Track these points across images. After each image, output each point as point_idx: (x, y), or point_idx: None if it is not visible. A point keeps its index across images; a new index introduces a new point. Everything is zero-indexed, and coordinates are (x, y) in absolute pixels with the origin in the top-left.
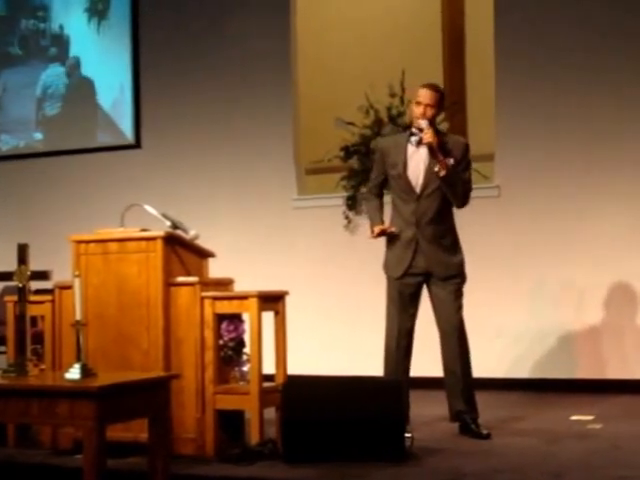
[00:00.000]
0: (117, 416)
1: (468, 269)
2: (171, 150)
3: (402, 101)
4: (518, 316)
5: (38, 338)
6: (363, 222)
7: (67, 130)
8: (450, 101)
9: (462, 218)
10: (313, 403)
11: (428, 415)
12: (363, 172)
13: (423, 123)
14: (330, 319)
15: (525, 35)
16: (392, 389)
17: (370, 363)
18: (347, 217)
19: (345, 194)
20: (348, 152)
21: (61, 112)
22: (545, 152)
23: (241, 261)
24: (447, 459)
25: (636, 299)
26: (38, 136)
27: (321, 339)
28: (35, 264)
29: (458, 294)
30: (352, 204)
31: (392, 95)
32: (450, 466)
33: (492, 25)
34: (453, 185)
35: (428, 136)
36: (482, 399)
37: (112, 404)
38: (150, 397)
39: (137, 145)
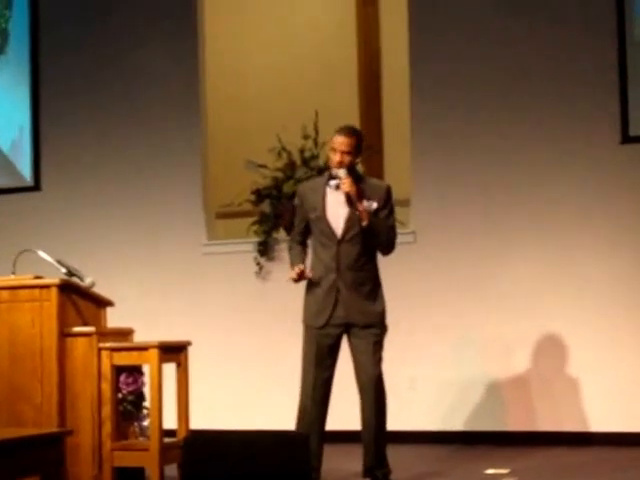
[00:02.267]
0: (5, 475)
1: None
2: (73, 193)
3: (316, 143)
4: (442, 366)
5: None
6: (275, 269)
7: None
8: (366, 144)
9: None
10: (215, 459)
11: (343, 470)
12: (275, 217)
13: (341, 172)
14: (239, 370)
15: (441, 78)
16: (299, 443)
17: (281, 417)
18: (258, 263)
19: (256, 239)
20: (259, 196)
21: None
22: (462, 197)
23: (147, 309)
24: None
25: (563, 345)
26: None
27: (230, 391)
28: None
29: (377, 346)
30: (264, 250)
31: (305, 137)
32: None
33: (408, 67)
34: (376, 233)
35: (346, 186)
36: (407, 452)
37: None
38: (42, 454)
39: (36, 187)
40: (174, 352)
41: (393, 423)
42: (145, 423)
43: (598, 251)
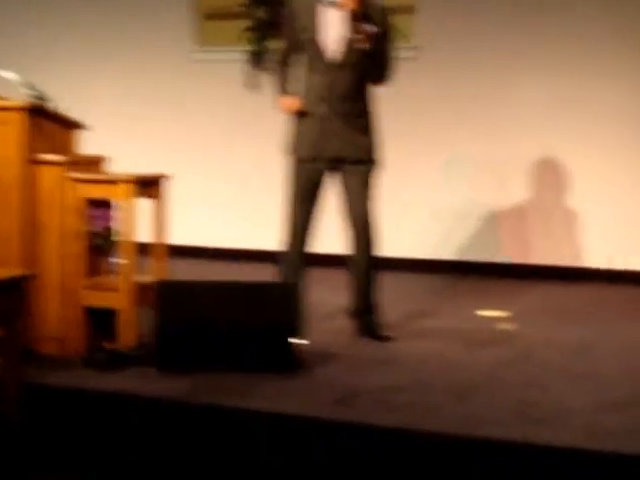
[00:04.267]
0: None
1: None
2: None
3: None
4: (435, 192)
5: None
6: (268, 80)
7: None
8: None
9: None
10: (192, 305)
11: (331, 305)
12: (271, 25)
13: None
14: (227, 185)
15: None
16: (283, 293)
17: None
18: (250, 73)
19: (249, 48)
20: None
21: None
22: (468, 12)
23: (127, 125)
24: (342, 372)
25: (563, 176)
26: None
27: (217, 205)
28: None
29: (368, 183)
30: (257, 60)
31: None
32: (344, 382)
33: None
34: (377, 59)
35: (351, 1)
36: (397, 283)
37: None
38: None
39: None
40: (149, 186)
41: (384, 250)
42: (116, 260)
43: (607, 81)
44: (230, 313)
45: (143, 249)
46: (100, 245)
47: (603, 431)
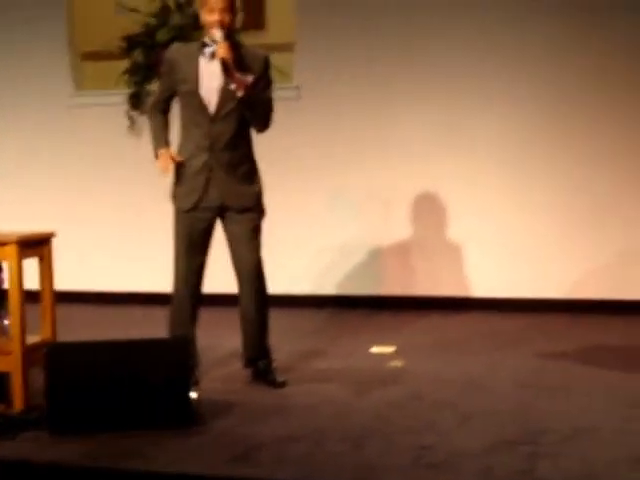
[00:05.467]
0: None
1: (264, 178)
2: None
3: None
4: (319, 229)
5: None
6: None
7: None
8: None
9: None
10: (82, 366)
11: (224, 348)
12: (147, 67)
13: (217, 34)
14: (111, 231)
15: None
16: (174, 348)
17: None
18: (130, 117)
19: (128, 91)
20: (131, 43)
21: None
22: (350, 47)
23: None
24: (238, 423)
25: (443, 210)
26: None
27: (106, 254)
28: None
29: (255, 231)
30: (136, 103)
31: None
32: (241, 435)
33: None
34: (253, 107)
35: (223, 51)
36: (285, 320)
37: None
38: None
39: None
40: (36, 246)
41: (271, 286)
42: (6, 322)
43: (487, 111)
44: (122, 371)
45: (34, 296)
46: None
47: (497, 474)
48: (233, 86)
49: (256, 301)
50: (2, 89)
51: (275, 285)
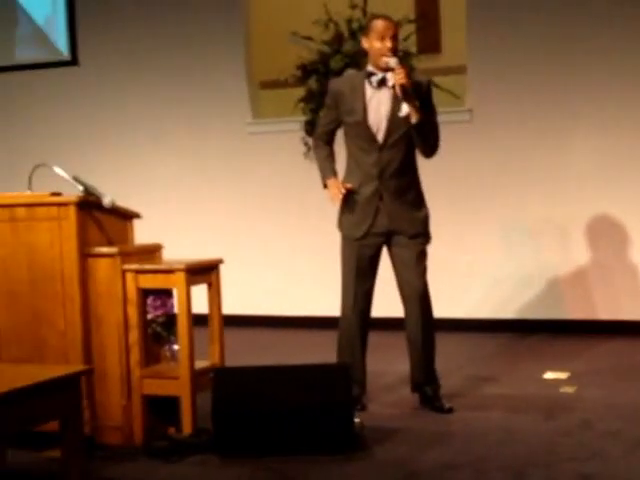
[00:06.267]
0: (14, 426)
1: (436, 203)
2: (110, 68)
3: (364, 13)
4: (494, 254)
5: None
6: None
7: None
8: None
9: None
10: (248, 390)
11: (392, 374)
12: (321, 95)
13: (392, 61)
14: (284, 254)
15: None
16: (338, 374)
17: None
18: (306, 143)
19: (303, 118)
20: (305, 71)
21: None
22: (521, 70)
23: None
24: (401, 449)
25: (622, 234)
26: None
27: (279, 275)
28: None
29: (422, 256)
30: (311, 129)
31: (353, 7)
32: (402, 460)
33: None
34: (426, 132)
35: (401, 77)
36: (460, 344)
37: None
38: (59, 397)
39: (74, 62)
40: (204, 273)
41: (447, 310)
42: (176, 347)
43: None
44: (285, 396)
45: (202, 320)
46: (159, 333)
47: None
48: (404, 112)
49: (422, 325)
50: (188, 117)
51: (454, 310)
